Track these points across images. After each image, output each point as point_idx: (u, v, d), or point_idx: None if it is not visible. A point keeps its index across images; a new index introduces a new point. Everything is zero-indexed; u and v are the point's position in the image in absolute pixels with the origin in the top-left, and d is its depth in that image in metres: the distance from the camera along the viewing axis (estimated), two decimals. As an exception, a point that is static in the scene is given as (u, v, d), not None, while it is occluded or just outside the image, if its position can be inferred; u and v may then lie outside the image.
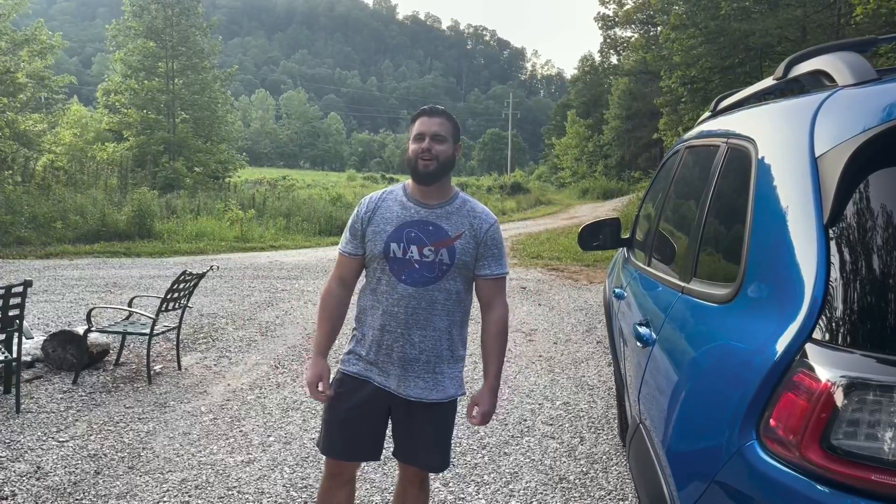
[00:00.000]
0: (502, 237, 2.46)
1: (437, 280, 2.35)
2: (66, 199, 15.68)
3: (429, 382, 2.42)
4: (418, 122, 2.36)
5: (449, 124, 2.38)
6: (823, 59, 1.76)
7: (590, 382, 5.63)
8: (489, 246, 2.39)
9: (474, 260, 2.38)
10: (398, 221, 2.38)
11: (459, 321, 2.45)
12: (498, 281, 2.43)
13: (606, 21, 40.60)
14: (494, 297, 2.43)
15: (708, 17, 18.72)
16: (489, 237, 2.39)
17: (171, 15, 27.08)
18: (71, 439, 4.19)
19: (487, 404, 2.44)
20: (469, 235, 2.36)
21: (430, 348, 2.39)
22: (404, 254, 2.34)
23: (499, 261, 2.42)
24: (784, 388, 1.25)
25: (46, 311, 7.77)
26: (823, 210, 1.35)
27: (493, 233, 2.40)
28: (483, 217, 2.41)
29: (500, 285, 2.44)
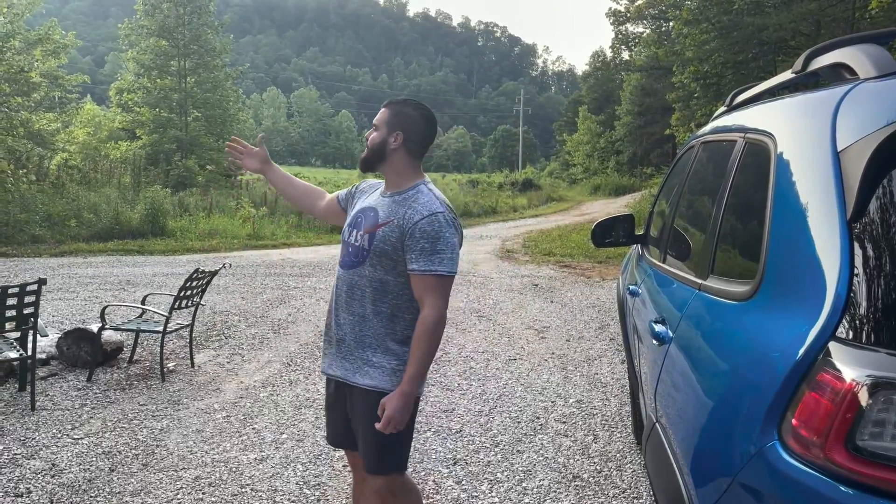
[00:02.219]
0: (440, 232, 2.23)
1: (359, 265, 2.36)
2: (79, 198, 15.78)
3: (353, 364, 2.39)
4: None
5: (387, 113, 2.39)
6: (844, 51, 1.73)
7: (603, 380, 5.60)
8: (417, 238, 2.23)
9: (401, 252, 2.26)
10: (360, 206, 2.49)
11: (388, 313, 2.33)
12: (425, 278, 2.24)
13: (618, 17, 40.38)
14: (422, 295, 2.25)
15: (721, 11, 18.54)
16: (417, 229, 2.23)
17: (183, 13, 27.17)
18: (85, 436, 4.21)
19: (391, 408, 2.23)
20: (396, 225, 2.28)
21: (352, 331, 2.39)
22: (349, 236, 2.44)
23: (427, 256, 2.22)
24: (807, 388, 1.22)
25: (61, 308, 7.81)
26: (846, 205, 1.32)
27: (423, 225, 2.23)
28: (417, 208, 2.27)
29: (427, 284, 2.24)
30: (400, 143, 2.35)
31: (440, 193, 2.37)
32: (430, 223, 2.23)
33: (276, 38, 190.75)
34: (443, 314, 2.26)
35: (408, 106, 2.39)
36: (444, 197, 2.36)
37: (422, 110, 2.40)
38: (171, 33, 26.82)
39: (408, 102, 2.41)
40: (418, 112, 2.38)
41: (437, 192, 2.36)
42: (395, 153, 2.36)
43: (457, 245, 2.29)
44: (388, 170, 2.39)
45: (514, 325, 7.53)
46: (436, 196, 2.32)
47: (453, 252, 2.26)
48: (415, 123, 2.37)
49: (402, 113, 2.37)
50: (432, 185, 2.40)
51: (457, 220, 2.34)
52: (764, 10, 18.03)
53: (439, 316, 2.24)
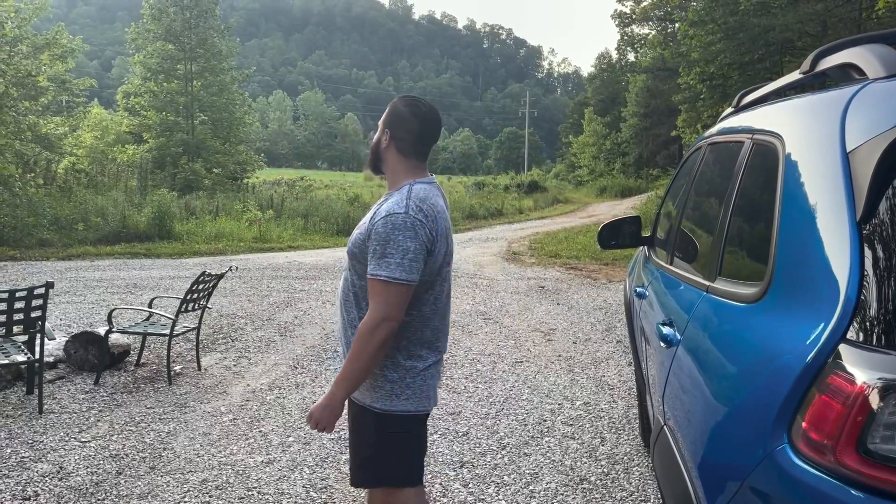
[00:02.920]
0: (391, 235, 2.05)
1: (346, 269, 2.30)
2: (87, 201, 15.85)
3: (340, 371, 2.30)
4: None
5: (385, 112, 2.30)
6: (853, 51, 1.71)
7: (610, 382, 5.58)
8: (372, 240, 2.08)
9: (366, 254, 2.12)
10: None
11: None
12: (371, 283, 2.06)
13: (623, 18, 40.43)
14: (370, 300, 2.08)
15: (727, 12, 18.53)
16: (374, 230, 2.09)
17: (190, 17, 27.27)
18: (93, 439, 4.21)
19: (314, 406, 2.13)
20: (366, 225, 2.16)
21: (341, 337, 2.32)
22: None
23: (376, 260, 2.05)
24: (817, 391, 1.21)
25: (68, 311, 7.84)
26: (856, 206, 1.31)
27: (378, 226, 2.07)
28: (381, 210, 2.13)
29: (372, 289, 2.06)
30: (388, 140, 2.24)
31: (420, 193, 2.15)
32: (384, 224, 2.06)
33: (282, 41, 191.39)
34: (377, 323, 2.03)
35: (400, 102, 2.27)
36: (422, 195, 2.14)
37: (413, 106, 2.24)
38: (177, 37, 26.93)
39: (403, 98, 2.29)
40: (408, 108, 2.23)
41: (414, 192, 2.14)
42: (387, 152, 2.26)
43: (413, 250, 2.04)
44: (385, 170, 2.30)
45: (521, 328, 7.52)
46: (410, 196, 2.12)
47: (404, 257, 2.03)
48: (403, 120, 2.23)
49: (392, 110, 2.26)
50: (422, 185, 2.19)
51: (426, 223, 2.09)
52: (770, 11, 17.99)
53: (373, 324, 2.03)
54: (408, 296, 2.07)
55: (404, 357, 2.19)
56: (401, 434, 2.23)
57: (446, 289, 2.28)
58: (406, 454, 2.27)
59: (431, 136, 2.27)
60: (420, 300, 2.18)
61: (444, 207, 2.26)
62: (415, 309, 2.17)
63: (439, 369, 2.34)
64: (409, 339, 2.19)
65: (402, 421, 2.20)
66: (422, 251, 2.07)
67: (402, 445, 2.25)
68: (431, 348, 2.26)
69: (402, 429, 2.22)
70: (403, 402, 2.18)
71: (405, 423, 2.22)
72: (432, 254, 2.12)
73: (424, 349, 2.23)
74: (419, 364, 2.21)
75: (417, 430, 2.29)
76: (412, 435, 2.27)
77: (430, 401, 2.27)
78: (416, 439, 2.31)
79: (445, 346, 2.36)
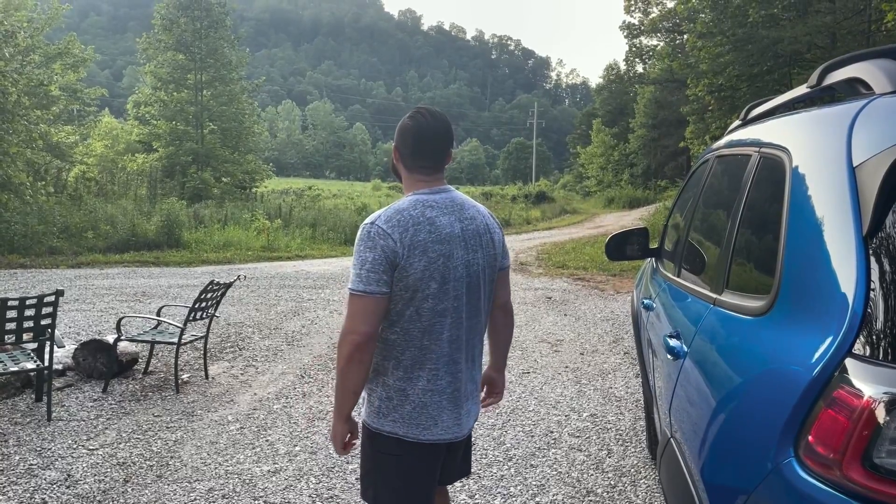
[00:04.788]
0: (357, 245, 1.99)
1: None
2: (97, 209, 15.97)
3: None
4: None
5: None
6: (859, 66, 1.72)
7: (617, 394, 5.57)
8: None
9: None
10: None
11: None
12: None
13: (632, 29, 40.45)
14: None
15: (735, 24, 18.52)
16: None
17: (200, 28, 27.52)
18: (100, 447, 4.23)
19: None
20: None
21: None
22: None
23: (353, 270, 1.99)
24: (824, 405, 1.21)
25: (77, 319, 7.88)
26: (862, 221, 1.31)
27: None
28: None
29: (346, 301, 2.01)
30: (397, 158, 2.16)
31: (405, 204, 2.04)
32: (359, 233, 2.01)
33: (292, 51, 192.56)
34: (343, 336, 1.96)
35: (409, 115, 2.13)
36: (406, 207, 2.02)
37: (412, 118, 2.10)
38: (188, 47, 27.17)
39: (413, 111, 2.14)
40: (411, 120, 2.09)
41: (399, 203, 2.04)
42: (398, 166, 2.18)
43: (371, 260, 1.94)
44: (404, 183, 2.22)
45: (528, 338, 7.51)
46: (391, 206, 2.05)
47: (361, 268, 1.94)
48: (402, 134, 2.11)
49: (400, 125, 2.14)
50: (417, 196, 2.06)
51: (391, 234, 1.95)
52: (779, 23, 17.99)
53: (340, 337, 1.98)
54: (369, 308, 1.94)
55: (391, 377, 2.06)
56: (390, 456, 2.10)
57: (443, 308, 2.04)
58: (396, 479, 2.12)
59: (429, 148, 2.08)
60: (401, 317, 2.02)
61: (448, 220, 2.05)
62: (397, 325, 2.03)
63: (446, 399, 2.09)
64: (397, 359, 2.05)
65: (389, 443, 2.08)
66: (381, 262, 1.93)
67: (392, 468, 2.11)
68: (424, 370, 2.05)
69: (389, 451, 2.09)
70: (390, 423, 2.06)
71: (392, 446, 2.08)
72: (399, 266, 1.95)
73: (416, 370, 2.05)
74: (408, 386, 2.05)
75: (412, 459, 2.10)
76: (403, 462, 2.10)
77: (426, 430, 2.07)
78: (411, 469, 2.12)
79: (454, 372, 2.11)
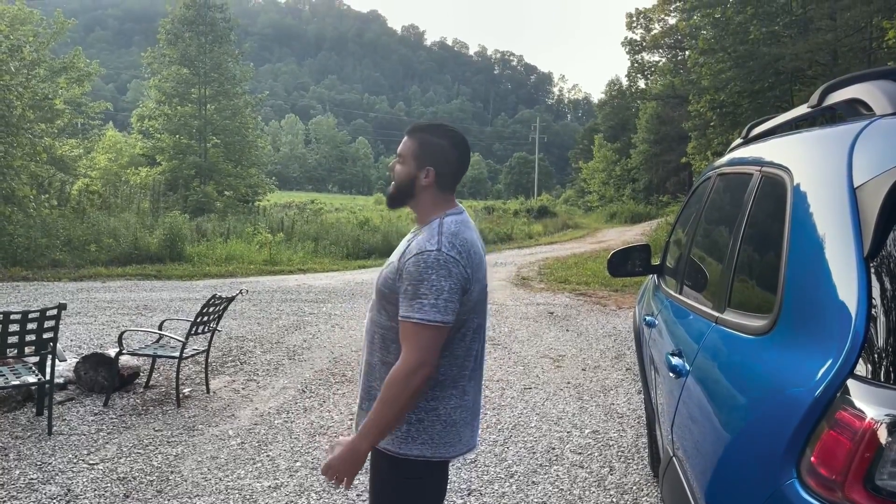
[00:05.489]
0: (425, 274, 1.90)
1: (371, 310, 2.13)
2: (99, 223, 15.99)
3: (359, 416, 2.13)
4: None
5: (413, 144, 2.08)
6: (860, 87, 1.73)
7: (619, 410, 5.55)
8: (403, 279, 1.93)
9: (397, 294, 1.97)
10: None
11: (393, 364, 1.97)
12: (404, 325, 1.91)
13: (634, 46, 40.72)
14: (403, 344, 1.93)
15: (737, 41, 18.64)
16: (405, 268, 1.94)
17: (205, 43, 27.71)
18: (101, 462, 4.22)
19: (333, 455, 1.94)
20: (395, 264, 2.01)
21: (362, 380, 2.15)
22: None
23: (408, 301, 1.90)
24: (826, 426, 1.21)
25: (79, 333, 7.88)
26: (863, 242, 1.32)
27: (410, 264, 1.93)
28: (415, 245, 1.97)
29: (406, 331, 1.91)
30: (432, 179, 2.06)
31: (452, 227, 2.01)
32: (416, 263, 1.91)
33: (296, 66, 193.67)
34: (413, 369, 1.87)
35: (435, 134, 2.07)
36: (454, 230, 2.00)
37: (451, 137, 2.08)
38: (192, 62, 27.34)
39: (435, 129, 2.09)
40: (447, 140, 2.06)
41: (446, 227, 2.00)
42: (425, 190, 2.07)
43: (448, 289, 1.89)
44: (416, 206, 2.12)
45: (530, 354, 7.50)
46: (443, 231, 1.98)
47: (438, 297, 1.88)
48: (444, 155, 2.06)
49: (429, 144, 2.06)
50: (453, 218, 2.05)
51: (460, 260, 1.94)
52: (780, 41, 18.10)
53: (409, 370, 1.87)
54: (443, 338, 1.92)
55: (427, 399, 2.01)
56: (413, 480, 2.06)
57: (476, 323, 2.09)
58: (420, 502, 2.10)
59: (467, 166, 2.14)
60: (451, 340, 2.01)
61: (477, 238, 2.11)
62: (447, 350, 2.00)
63: (469, 413, 2.11)
64: (435, 379, 2.01)
65: (416, 466, 2.03)
66: (457, 290, 1.91)
67: (415, 492, 2.08)
68: (457, 387, 2.06)
69: (415, 474, 2.05)
70: (419, 447, 2.01)
71: (419, 469, 2.04)
72: (467, 292, 1.97)
73: (449, 388, 2.05)
74: (440, 405, 2.03)
75: (433, 478, 2.10)
76: (426, 482, 2.08)
77: (452, 448, 2.06)
78: (432, 488, 2.12)
79: (475, 385, 2.14)
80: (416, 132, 2.10)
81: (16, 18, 19.08)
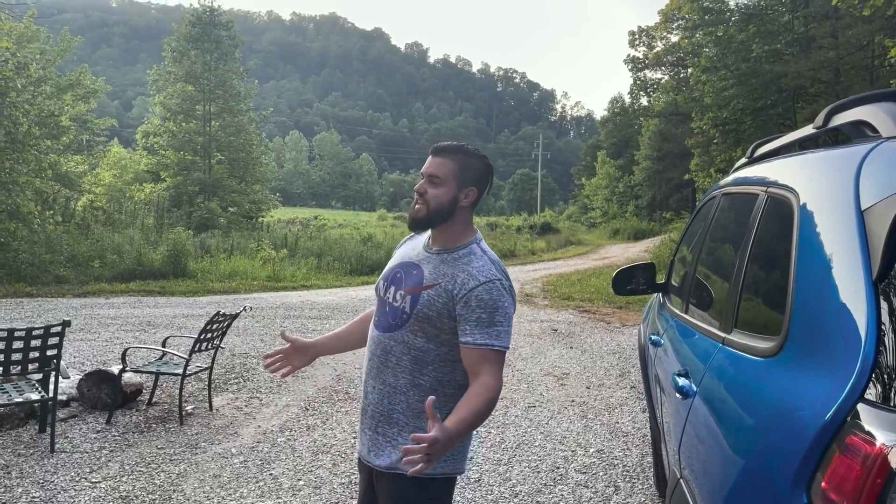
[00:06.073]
0: (499, 302, 1.98)
1: (397, 329, 2.08)
2: (103, 238, 16.03)
3: (371, 441, 2.11)
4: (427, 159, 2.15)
5: (452, 165, 2.06)
6: (865, 109, 1.74)
7: (624, 429, 5.52)
8: (472, 307, 1.97)
9: (447, 319, 2.00)
10: (399, 259, 2.24)
11: (427, 386, 2.03)
12: (483, 352, 1.95)
13: (636, 63, 40.93)
14: (480, 368, 1.95)
15: (739, 59, 18.71)
16: (473, 296, 1.97)
17: (210, 60, 27.92)
18: (103, 480, 4.20)
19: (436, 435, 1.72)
20: (443, 289, 2.01)
21: (377, 402, 2.11)
22: (384, 293, 2.17)
23: (484, 329, 1.95)
24: (837, 450, 1.20)
25: (82, 349, 7.88)
26: (872, 264, 1.31)
27: (479, 293, 1.97)
28: (473, 273, 2.00)
29: (486, 357, 1.95)
30: (472, 200, 2.10)
31: (493, 255, 2.11)
32: (489, 291, 1.97)
33: (300, 83, 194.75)
34: (499, 389, 1.96)
35: (472, 156, 2.10)
36: (497, 258, 2.11)
37: (485, 160, 2.13)
38: (197, 79, 27.54)
39: (467, 150, 2.11)
40: (483, 163, 2.11)
41: (490, 254, 2.09)
42: (463, 211, 2.10)
43: (511, 315, 2.04)
44: (449, 227, 2.11)
45: (534, 371, 7.47)
46: (490, 259, 2.07)
47: (510, 324, 2.01)
48: (483, 177, 2.11)
49: (470, 167, 2.08)
50: (485, 245, 2.13)
51: (512, 287, 2.08)
52: (782, 58, 18.16)
53: (497, 390, 1.95)
54: None
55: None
56: (437, 499, 2.09)
57: None
58: None
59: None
60: None
61: None
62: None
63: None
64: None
65: (441, 485, 2.08)
66: (513, 315, 2.07)
67: None
68: None
69: (441, 492, 2.10)
70: (443, 465, 2.03)
71: (444, 486, 2.10)
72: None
73: None
74: None
75: (451, 494, 2.17)
76: (446, 499, 2.13)
77: (464, 461, 2.15)
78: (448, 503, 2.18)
79: None
80: (450, 153, 2.09)
81: (23, 36, 19.24)
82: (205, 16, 28.29)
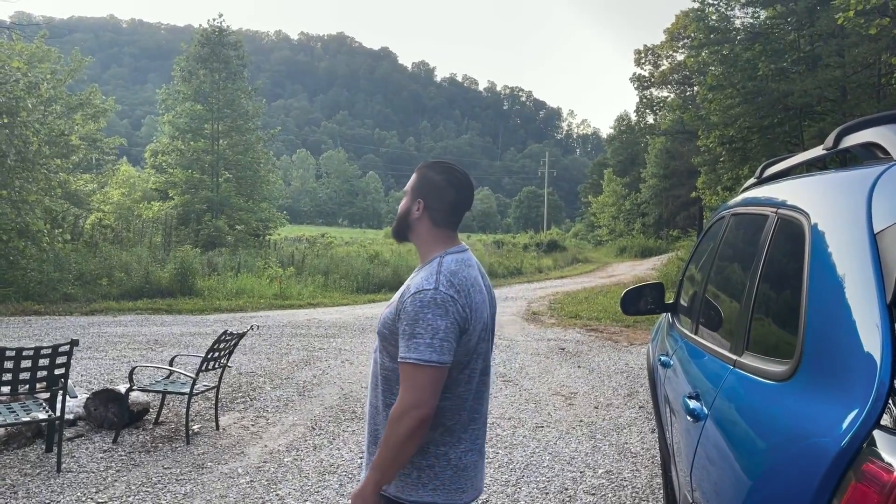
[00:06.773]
0: (420, 313, 1.87)
1: (376, 350, 2.10)
2: (111, 257, 16.10)
3: (366, 461, 2.09)
4: None
5: (414, 178, 2.12)
6: (875, 131, 1.73)
7: (633, 450, 5.47)
8: (402, 319, 1.91)
9: (395, 334, 1.94)
10: None
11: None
12: (402, 367, 1.88)
13: (642, 81, 41.12)
14: (401, 382, 1.89)
15: (745, 77, 18.74)
16: (403, 310, 1.91)
17: (219, 79, 28.13)
18: (109, 500, 4.18)
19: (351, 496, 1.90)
20: (395, 304, 1.98)
21: (368, 422, 2.12)
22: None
23: (405, 341, 1.87)
24: (853, 477, 1.19)
25: (90, 367, 7.88)
26: (886, 288, 1.30)
27: (408, 304, 1.90)
28: (410, 286, 1.96)
29: (403, 373, 1.87)
30: (422, 211, 2.07)
31: (450, 266, 1.99)
32: (413, 302, 1.89)
33: (307, 101, 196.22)
34: (405, 410, 1.84)
35: (433, 169, 2.10)
36: (453, 269, 1.98)
37: (448, 174, 2.08)
38: (206, 98, 27.73)
39: (435, 165, 2.12)
40: (443, 176, 2.07)
41: (446, 266, 1.99)
42: (418, 223, 2.09)
43: (444, 328, 1.86)
44: (414, 240, 2.13)
45: (541, 391, 7.43)
46: (441, 270, 1.96)
47: (434, 337, 1.85)
48: (438, 190, 2.06)
49: (425, 178, 2.09)
50: (454, 256, 2.04)
51: (458, 299, 1.92)
52: (788, 77, 18.18)
53: (401, 411, 1.84)
54: (441, 379, 1.88)
55: (437, 444, 1.99)
56: None
57: (481, 365, 2.06)
58: None
59: (467, 205, 2.11)
60: (455, 381, 1.98)
61: (479, 277, 2.10)
62: (449, 391, 1.97)
63: (477, 455, 2.09)
64: (445, 425, 1.99)
65: None
66: (453, 329, 1.89)
67: None
68: (467, 431, 2.04)
69: None
70: (430, 493, 1.97)
71: None
72: (466, 332, 1.94)
73: (460, 433, 2.02)
74: (451, 450, 2.00)
75: None
76: None
77: (463, 494, 2.03)
78: None
79: (483, 426, 2.12)
80: (421, 168, 2.15)
81: (34, 56, 19.47)
82: (214, 36, 28.55)
